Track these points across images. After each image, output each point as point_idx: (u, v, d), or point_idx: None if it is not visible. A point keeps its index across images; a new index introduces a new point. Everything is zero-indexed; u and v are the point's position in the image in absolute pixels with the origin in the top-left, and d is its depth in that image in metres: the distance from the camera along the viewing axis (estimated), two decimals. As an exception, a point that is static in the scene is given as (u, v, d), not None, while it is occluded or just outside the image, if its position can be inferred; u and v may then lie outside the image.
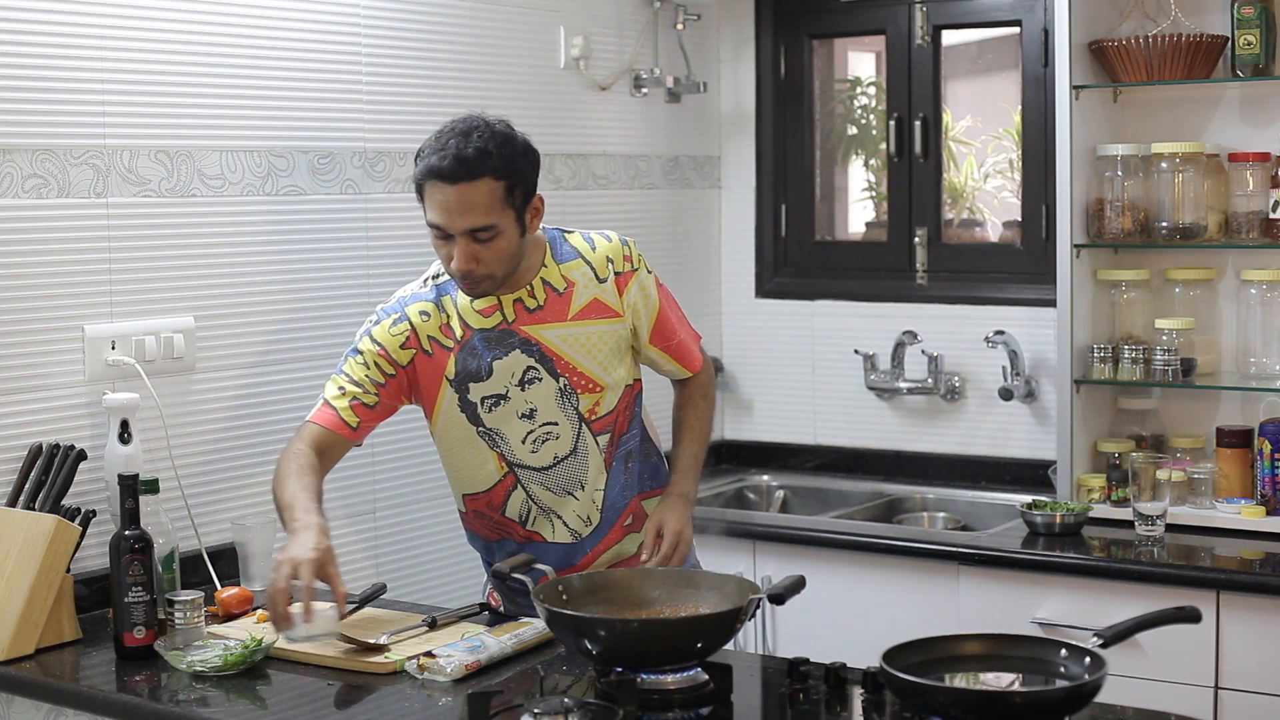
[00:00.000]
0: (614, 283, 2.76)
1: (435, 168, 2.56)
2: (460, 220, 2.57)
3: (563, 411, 2.72)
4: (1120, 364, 3.55)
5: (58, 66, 2.87)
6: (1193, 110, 3.63)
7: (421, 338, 2.72)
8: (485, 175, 2.56)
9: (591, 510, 2.77)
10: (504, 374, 2.70)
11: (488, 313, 2.71)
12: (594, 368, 2.73)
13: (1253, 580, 3.10)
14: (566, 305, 2.72)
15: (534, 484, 2.75)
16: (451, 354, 2.71)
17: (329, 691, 2.42)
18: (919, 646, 2.21)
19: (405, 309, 2.75)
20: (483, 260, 2.60)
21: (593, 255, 2.76)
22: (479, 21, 3.69)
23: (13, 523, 2.69)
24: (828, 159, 4.47)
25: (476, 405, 2.71)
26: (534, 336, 2.70)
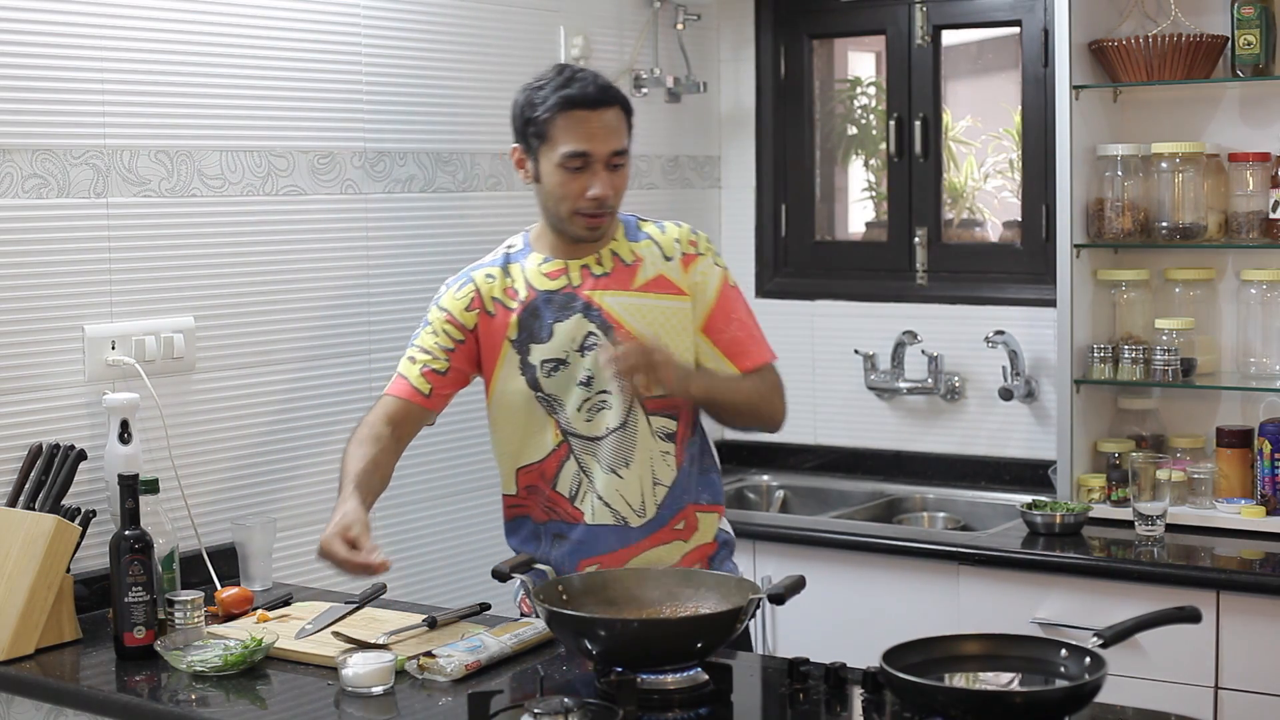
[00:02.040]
0: (680, 261, 2.78)
1: (578, 95, 2.66)
2: (605, 144, 2.66)
3: (617, 382, 2.68)
4: (1120, 364, 3.55)
5: (58, 66, 2.87)
6: (1193, 110, 3.63)
7: (485, 299, 2.76)
8: (616, 103, 2.70)
9: (649, 501, 2.74)
10: (564, 338, 2.71)
11: (553, 275, 2.74)
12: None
13: (1253, 580, 3.10)
14: (632, 276, 2.74)
15: (585, 454, 2.73)
16: (514, 314, 2.74)
17: (329, 691, 2.41)
18: (919, 646, 2.21)
19: (471, 274, 2.80)
20: (616, 189, 2.69)
21: (662, 237, 2.81)
22: (479, 21, 3.69)
23: (13, 523, 2.69)
24: (828, 159, 4.47)
25: (536, 368, 2.72)
26: (597, 302, 2.72)
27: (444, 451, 3.62)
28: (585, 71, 2.71)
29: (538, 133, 2.69)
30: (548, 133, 2.67)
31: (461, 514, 3.67)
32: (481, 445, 3.69)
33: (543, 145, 2.69)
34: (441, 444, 3.61)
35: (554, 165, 2.68)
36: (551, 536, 2.78)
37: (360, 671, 2.37)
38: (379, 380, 3.45)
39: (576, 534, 2.75)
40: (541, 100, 2.68)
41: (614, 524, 2.74)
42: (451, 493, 3.64)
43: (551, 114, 2.66)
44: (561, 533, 2.77)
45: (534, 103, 2.70)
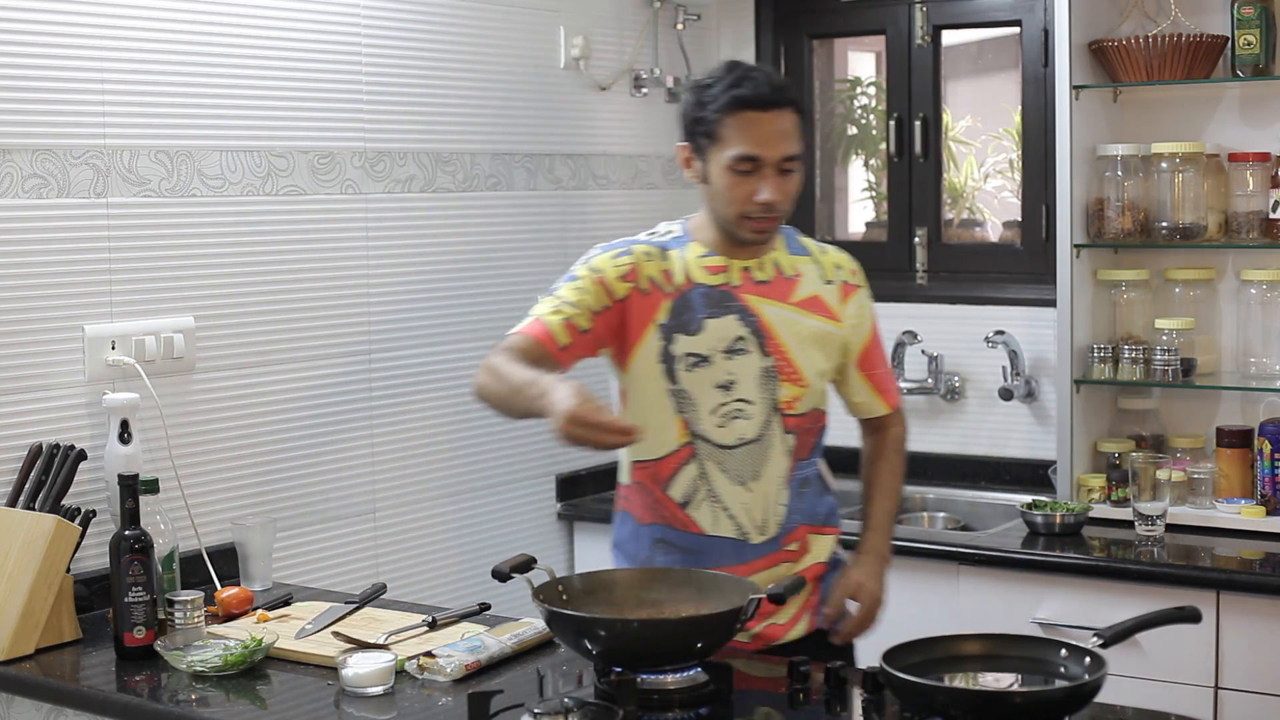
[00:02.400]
0: (839, 288, 2.72)
1: (750, 95, 2.54)
2: (778, 148, 2.56)
3: (760, 393, 2.61)
4: (1120, 364, 3.55)
5: (58, 66, 2.87)
6: (1193, 110, 3.63)
7: (641, 275, 2.63)
8: (790, 105, 2.59)
9: (770, 518, 2.65)
10: (713, 336, 2.60)
11: (714, 271, 2.64)
12: (803, 360, 2.64)
13: (1253, 580, 3.10)
14: (791, 289, 2.67)
15: (711, 462, 2.62)
16: (668, 299, 2.62)
17: (329, 691, 2.41)
18: (919, 646, 2.21)
19: (631, 246, 2.66)
20: (787, 194, 2.59)
21: (823, 258, 2.73)
22: (479, 21, 3.69)
23: (13, 523, 2.69)
24: (828, 159, 4.47)
25: (676, 360, 2.60)
26: (754, 308, 2.63)
27: (444, 451, 3.62)
28: (758, 70, 2.60)
29: (707, 133, 2.58)
30: (717, 133, 2.56)
31: (462, 514, 3.67)
32: (482, 445, 3.71)
33: (711, 146, 2.58)
34: (442, 443, 3.61)
35: (723, 167, 2.57)
36: (654, 541, 2.67)
37: (360, 671, 2.37)
38: (379, 380, 3.45)
39: (688, 542, 2.65)
40: (711, 99, 2.57)
41: (735, 538, 2.64)
42: (452, 493, 3.64)
43: (721, 114, 2.55)
44: (669, 540, 2.66)
45: (703, 101, 2.58)
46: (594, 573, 2.53)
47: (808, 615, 2.70)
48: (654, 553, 2.67)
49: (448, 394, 3.62)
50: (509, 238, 3.78)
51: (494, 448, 3.75)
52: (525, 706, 2.14)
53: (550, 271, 3.84)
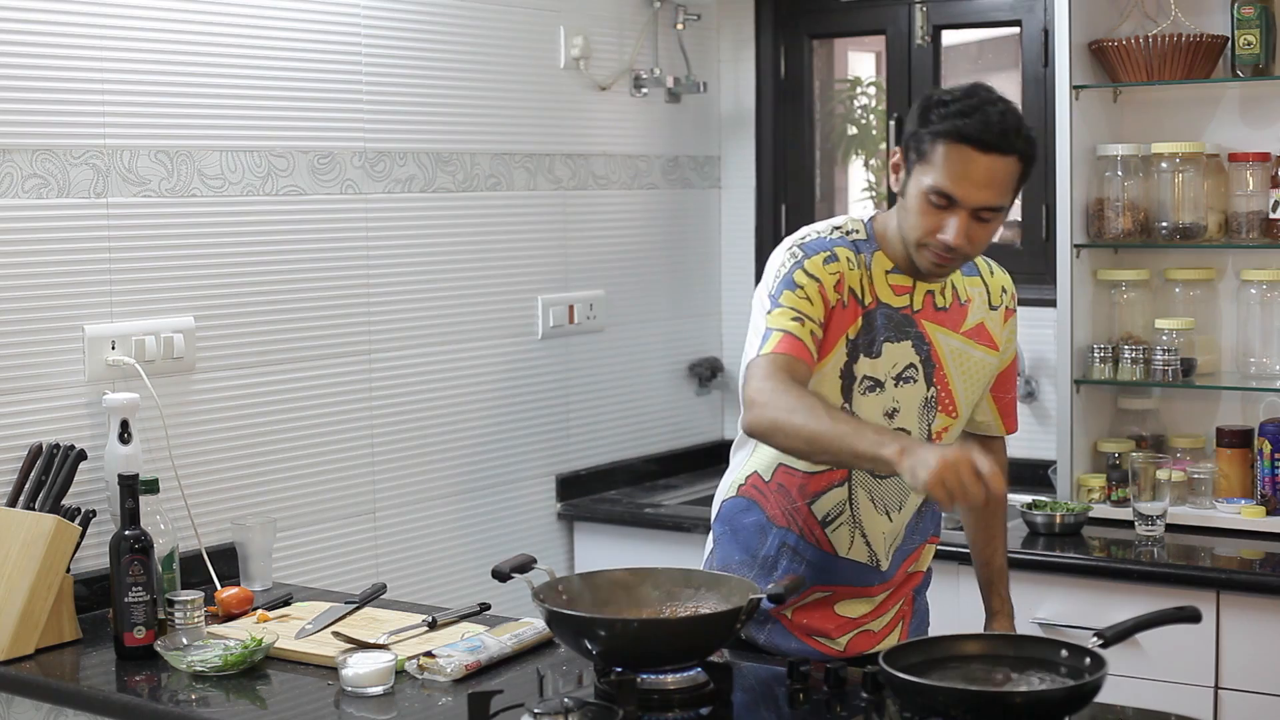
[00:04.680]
0: (1002, 314, 2.62)
1: (975, 132, 2.36)
2: (979, 194, 2.37)
3: (919, 422, 2.54)
4: (1120, 364, 3.56)
5: (58, 66, 2.87)
6: (1193, 110, 3.63)
7: (845, 285, 2.48)
8: (1014, 154, 2.39)
9: (895, 544, 2.59)
10: (888, 361, 2.50)
11: (900, 291, 2.52)
12: (961, 391, 2.57)
13: (1253, 580, 3.10)
14: (963, 318, 2.57)
15: (862, 489, 2.54)
16: (861, 313, 2.49)
17: (329, 691, 2.41)
18: (919, 646, 2.22)
19: (836, 249, 2.49)
20: (975, 241, 2.41)
21: (990, 280, 2.63)
22: (479, 21, 3.69)
23: (13, 523, 2.69)
24: (828, 159, 4.48)
25: (855, 381, 2.49)
26: (930, 335, 2.53)
27: (444, 451, 3.62)
28: (998, 106, 2.41)
29: (919, 149, 2.41)
30: (928, 154, 2.39)
31: (462, 514, 3.67)
32: (482, 445, 3.71)
33: (918, 164, 2.41)
34: (442, 443, 3.61)
35: (920, 191, 2.40)
36: (783, 545, 2.58)
37: (360, 671, 2.37)
38: (379, 380, 3.46)
39: (819, 559, 2.56)
40: (938, 118, 2.39)
41: (866, 563, 2.58)
42: (452, 493, 3.64)
43: (938, 138, 2.38)
44: (798, 549, 2.57)
45: (929, 118, 2.41)
46: (594, 573, 2.53)
47: (900, 625, 2.66)
48: (780, 555, 2.59)
49: (448, 394, 3.62)
50: (509, 238, 3.78)
51: (494, 448, 3.75)
52: (525, 706, 2.14)
53: (550, 271, 3.85)
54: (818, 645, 2.57)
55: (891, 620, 2.65)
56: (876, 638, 2.63)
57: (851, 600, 2.60)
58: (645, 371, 4.21)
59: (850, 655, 2.59)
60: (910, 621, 2.70)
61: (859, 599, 2.60)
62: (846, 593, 2.59)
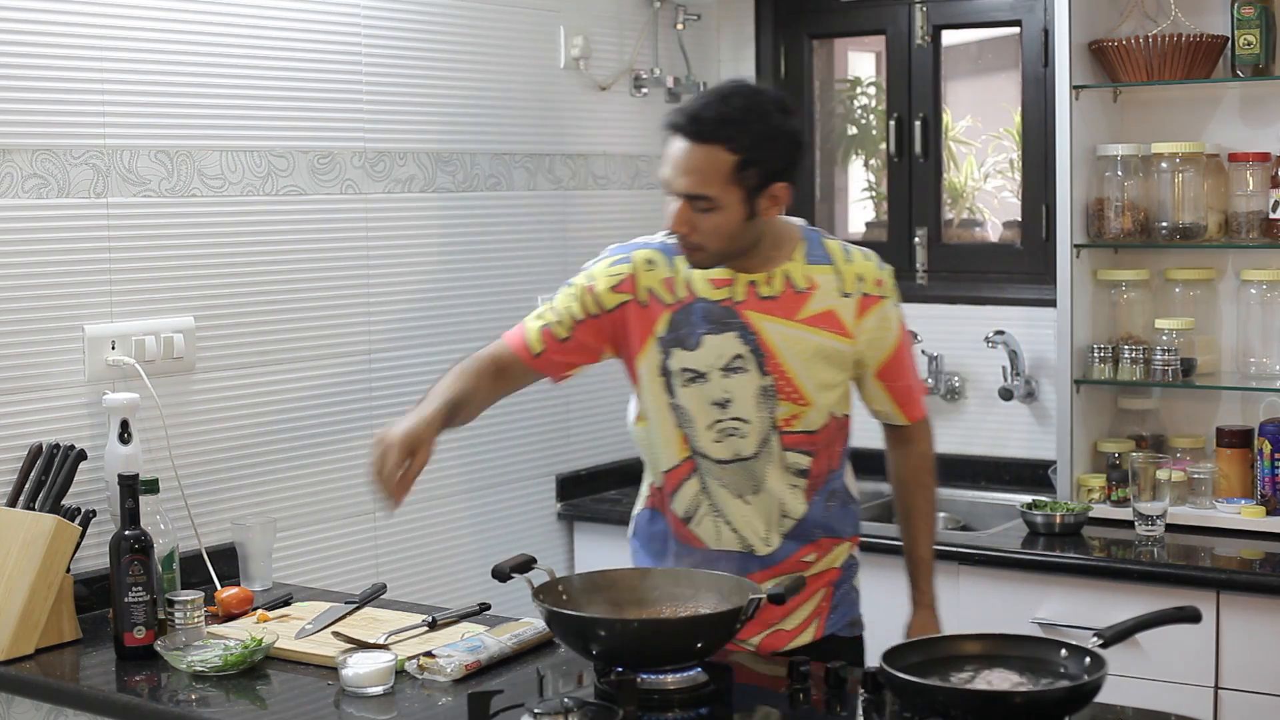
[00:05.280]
0: (857, 302, 2.59)
1: (673, 120, 2.46)
2: (678, 180, 2.45)
3: (758, 411, 2.57)
4: (1120, 364, 3.56)
5: (58, 66, 2.87)
6: (1193, 110, 3.63)
7: (640, 285, 2.59)
8: (718, 143, 2.42)
9: (773, 531, 2.62)
10: (710, 353, 2.55)
11: (718, 284, 2.57)
12: (805, 378, 2.57)
13: (1253, 580, 3.10)
14: (800, 305, 2.56)
15: (711, 477, 2.60)
16: (668, 311, 2.57)
17: (329, 691, 2.41)
18: (919, 646, 2.22)
19: (633, 252, 2.62)
20: (697, 229, 2.47)
21: (845, 267, 2.60)
22: (479, 21, 3.69)
23: (13, 523, 2.69)
24: (828, 159, 4.47)
25: (673, 375, 2.57)
26: (754, 325, 2.55)
27: (444, 451, 3.61)
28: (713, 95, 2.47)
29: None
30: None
31: (462, 514, 3.67)
32: (482, 445, 3.71)
33: None
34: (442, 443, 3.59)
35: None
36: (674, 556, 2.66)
37: (360, 671, 2.37)
38: (379, 380, 3.46)
39: (697, 559, 2.62)
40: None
41: (740, 550, 2.61)
42: (452, 493, 3.64)
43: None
44: (680, 554, 2.65)
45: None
46: (594, 573, 2.53)
47: (816, 622, 2.68)
48: (679, 561, 2.65)
49: (448, 394, 3.61)
50: (509, 238, 3.78)
51: (494, 448, 3.75)
52: (525, 706, 2.14)
53: (550, 271, 3.85)
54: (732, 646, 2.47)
55: (805, 620, 2.66)
56: (789, 636, 2.64)
57: None
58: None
59: (766, 654, 2.61)
60: (828, 618, 2.69)
61: None
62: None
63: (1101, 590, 3.21)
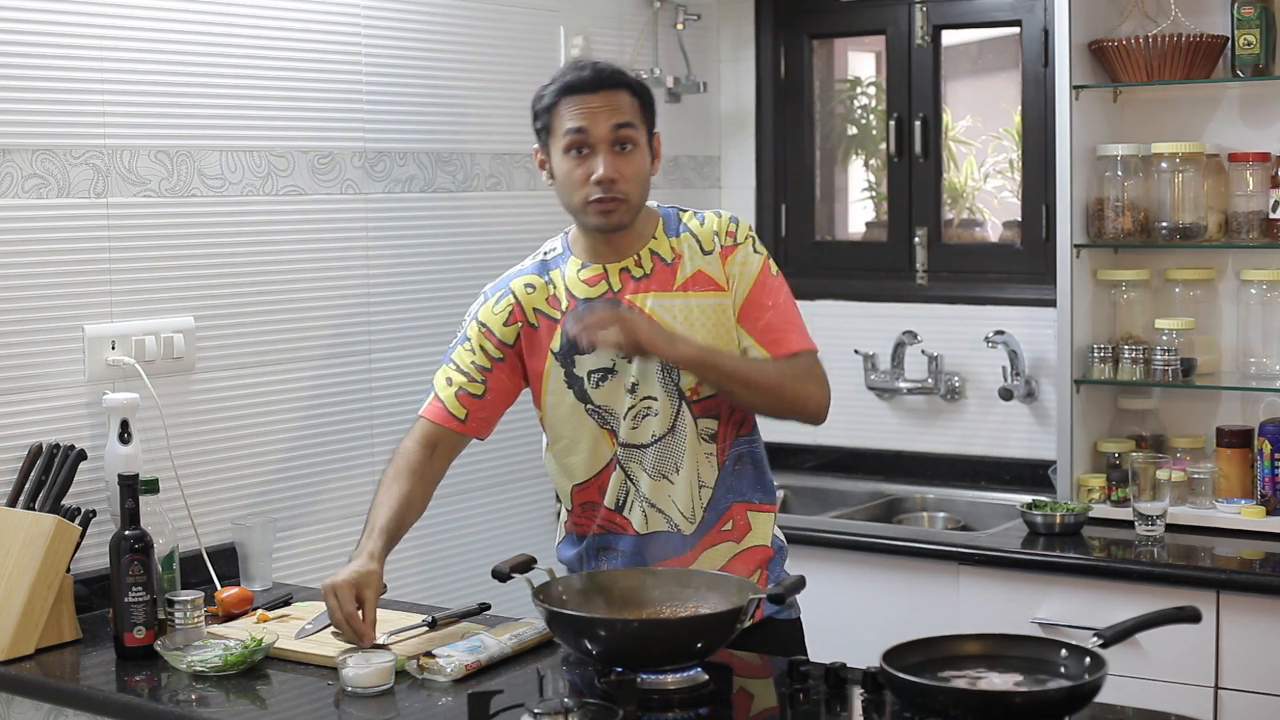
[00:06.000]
0: (718, 254, 2.67)
1: (575, 80, 2.60)
2: (604, 120, 2.58)
3: (663, 387, 2.63)
4: (1120, 364, 3.55)
5: (58, 66, 2.87)
6: (1193, 110, 3.63)
7: (527, 310, 2.68)
8: (624, 88, 2.61)
9: (695, 505, 2.66)
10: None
11: (593, 282, 2.65)
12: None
13: (1253, 580, 3.10)
14: (673, 275, 2.65)
15: (633, 463, 2.65)
16: (558, 325, 2.65)
17: (329, 691, 2.41)
18: (919, 646, 2.21)
19: (509, 284, 2.71)
20: (622, 176, 2.58)
21: (701, 229, 2.69)
22: (479, 21, 3.69)
23: (13, 523, 2.69)
24: (828, 159, 4.47)
25: (584, 380, 2.64)
26: (639, 306, 2.62)
27: (444, 451, 3.62)
28: (593, 60, 2.66)
29: (545, 125, 2.64)
30: (551, 122, 2.62)
31: (462, 514, 3.67)
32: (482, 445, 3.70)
33: (550, 135, 2.63)
34: (441, 444, 3.61)
35: (560, 153, 2.61)
36: (598, 550, 2.71)
37: (360, 671, 2.37)
38: (379, 380, 3.46)
39: (625, 545, 2.67)
40: (546, 92, 2.63)
41: (666, 530, 2.65)
42: (452, 493, 3.63)
43: (553, 100, 2.61)
44: (609, 545, 2.69)
45: (541, 96, 2.65)
46: (594, 573, 2.54)
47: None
48: (600, 561, 2.70)
49: (448, 394, 3.62)
50: (509, 238, 3.78)
51: (493, 448, 3.74)
52: (525, 706, 2.14)
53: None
54: None
55: None
56: None
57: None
58: (645, 371, 4.20)
59: None
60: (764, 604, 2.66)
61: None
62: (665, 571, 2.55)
63: (1101, 590, 3.21)
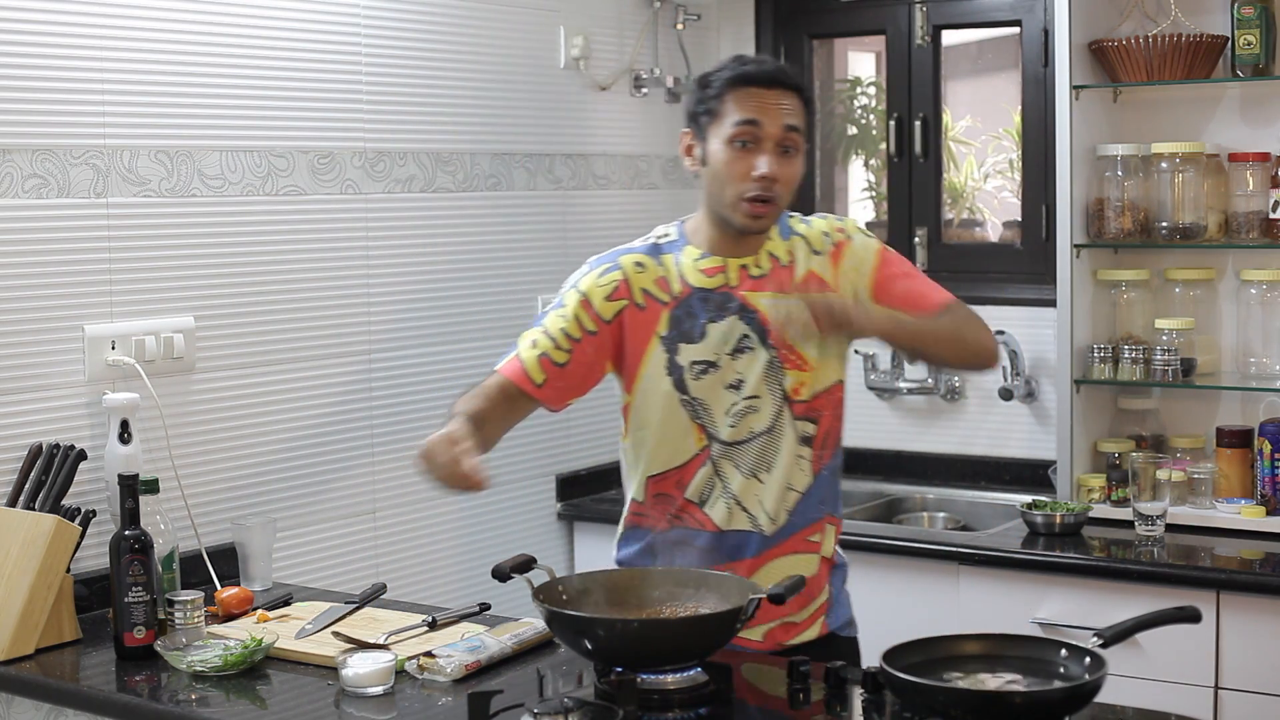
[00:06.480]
0: (829, 254, 2.66)
1: (754, 72, 2.56)
2: (778, 118, 2.54)
3: (768, 386, 2.60)
4: (1120, 364, 3.56)
5: (58, 66, 2.87)
6: (1193, 110, 3.63)
7: (634, 289, 2.61)
8: (795, 91, 2.58)
9: (781, 509, 2.62)
10: (717, 339, 2.59)
11: (711, 272, 2.61)
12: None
13: (1253, 580, 3.10)
14: (788, 277, 2.62)
15: (724, 459, 2.61)
16: (666, 309, 2.60)
17: (329, 691, 2.42)
18: (919, 646, 2.21)
19: (619, 259, 2.64)
20: (779, 178, 2.55)
21: (809, 231, 2.69)
22: (479, 21, 3.69)
23: (13, 523, 2.69)
24: (828, 159, 4.48)
25: (684, 370, 2.59)
26: (753, 304, 2.60)
27: (444, 451, 3.62)
28: (766, 58, 2.65)
29: (708, 110, 2.57)
30: (718, 109, 2.55)
31: (462, 514, 3.67)
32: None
33: (713, 122, 2.57)
34: (441, 444, 3.61)
35: (723, 142, 2.55)
36: (673, 544, 2.65)
37: (360, 671, 2.37)
38: (379, 380, 3.46)
39: (704, 541, 2.63)
40: (716, 79, 2.57)
41: (749, 529, 2.62)
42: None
43: (724, 89, 2.55)
44: (686, 540, 2.64)
45: (707, 83, 2.59)
46: (594, 573, 2.53)
47: (822, 618, 2.68)
48: (673, 556, 2.64)
49: (448, 394, 3.61)
50: (509, 238, 3.78)
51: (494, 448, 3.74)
52: (525, 706, 2.14)
53: (550, 271, 3.85)
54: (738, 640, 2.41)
55: (814, 613, 2.66)
56: (797, 629, 2.65)
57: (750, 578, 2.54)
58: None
59: (769, 648, 2.61)
60: (830, 613, 2.70)
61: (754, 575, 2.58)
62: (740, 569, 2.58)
63: (1101, 590, 3.21)
